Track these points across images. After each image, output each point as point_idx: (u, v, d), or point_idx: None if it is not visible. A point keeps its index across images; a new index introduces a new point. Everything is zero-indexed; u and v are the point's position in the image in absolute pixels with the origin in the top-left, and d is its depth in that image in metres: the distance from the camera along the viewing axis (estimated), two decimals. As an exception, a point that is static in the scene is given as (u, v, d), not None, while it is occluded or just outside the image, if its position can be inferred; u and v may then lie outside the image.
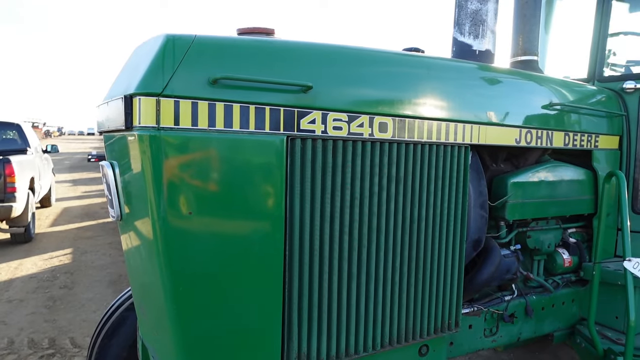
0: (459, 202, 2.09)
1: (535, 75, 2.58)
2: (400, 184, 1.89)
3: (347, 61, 1.79)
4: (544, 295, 2.71)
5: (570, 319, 2.87)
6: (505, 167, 2.57)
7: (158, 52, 1.44)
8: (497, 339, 2.56)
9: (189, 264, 1.52)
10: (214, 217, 1.54)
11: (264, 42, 1.64)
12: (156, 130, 1.42)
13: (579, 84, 2.89)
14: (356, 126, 1.77)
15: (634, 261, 2.29)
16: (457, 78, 2.13)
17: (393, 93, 1.88)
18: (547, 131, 2.47)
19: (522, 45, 2.60)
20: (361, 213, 1.81)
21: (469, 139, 2.10)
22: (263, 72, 1.57)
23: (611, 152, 2.87)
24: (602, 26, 2.99)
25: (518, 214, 2.47)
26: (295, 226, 1.67)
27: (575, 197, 2.72)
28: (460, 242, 2.13)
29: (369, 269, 1.86)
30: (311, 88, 1.63)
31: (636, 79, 2.86)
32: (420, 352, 2.16)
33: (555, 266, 2.78)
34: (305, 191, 1.68)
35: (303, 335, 1.74)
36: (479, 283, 2.32)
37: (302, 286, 1.72)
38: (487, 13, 2.28)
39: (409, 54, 2.03)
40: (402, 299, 1.97)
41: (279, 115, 1.60)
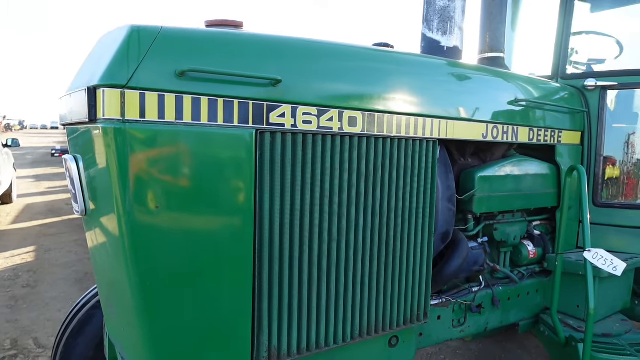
0: (427, 196, 2.13)
1: (501, 72, 2.64)
2: (369, 177, 1.91)
3: (317, 55, 1.79)
4: (509, 286, 2.79)
5: (535, 309, 2.96)
6: (472, 161, 2.62)
7: (123, 43, 1.40)
8: (465, 329, 2.63)
9: (156, 259, 1.49)
10: (181, 212, 1.52)
11: (233, 35, 1.62)
12: (121, 123, 1.39)
13: (544, 81, 2.98)
14: (326, 120, 1.77)
15: (594, 252, 2.38)
16: (425, 74, 2.16)
17: (362, 88, 1.89)
18: (513, 126, 2.54)
19: (489, 42, 2.66)
20: (331, 207, 1.82)
21: (437, 133, 2.14)
22: (231, 65, 1.56)
23: (573, 147, 2.97)
24: (565, 25, 3.08)
25: (485, 208, 2.53)
26: (265, 220, 1.67)
27: (540, 190, 2.81)
28: (429, 235, 2.16)
29: (338, 262, 1.88)
30: (280, 82, 1.62)
31: (597, 77, 2.96)
32: (390, 343, 2.20)
33: (521, 258, 2.87)
34: (275, 185, 1.67)
35: (273, 329, 1.74)
36: (447, 275, 2.37)
37: (272, 280, 1.72)
38: (454, 10, 2.32)
39: (378, 49, 2.04)
40: (371, 291, 2.00)
41: (247, 109, 1.58)
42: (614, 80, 2.92)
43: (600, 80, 2.93)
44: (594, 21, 3.40)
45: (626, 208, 2.97)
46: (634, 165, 3.00)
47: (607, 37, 3.24)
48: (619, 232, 2.98)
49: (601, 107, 2.94)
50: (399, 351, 2.23)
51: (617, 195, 3.02)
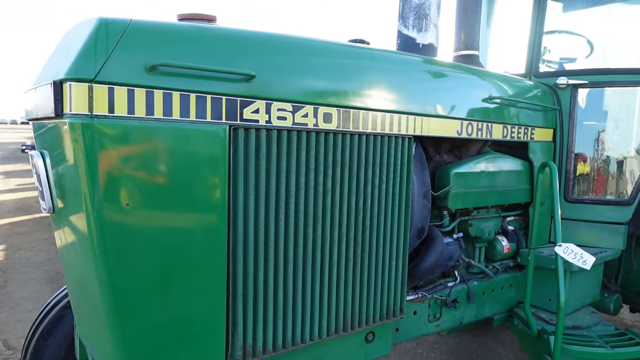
0: (402, 192, 2.14)
1: (476, 69, 2.67)
2: (345, 174, 1.91)
3: (291, 51, 1.78)
4: (484, 280, 2.84)
5: (509, 303, 3.02)
6: (448, 158, 2.65)
7: (90, 36, 1.36)
8: (441, 324, 2.66)
9: (127, 258, 1.46)
10: (153, 210, 1.49)
11: (205, 29, 1.59)
12: (89, 118, 1.35)
13: (517, 79, 3.02)
14: (301, 116, 1.76)
15: (564, 246, 2.44)
16: (401, 70, 2.17)
17: (337, 84, 1.89)
18: (487, 123, 2.57)
19: (464, 40, 2.68)
20: (306, 203, 1.81)
21: (413, 130, 2.15)
22: (204, 59, 1.53)
23: (546, 144, 3.03)
24: (538, 24, 3.14)
25: (460, 203, 2.56)
26: (239, 217, 1.65)
27: (513, 186, 2.86)
28: (405, 231, 2.18)
29: (314, 258, 1.87)
30: (254, 77, 1.60)
31: (568, 76, 3.02)
32: (367, 339, 2.21)
33: (495, 253, 2.91)
34: (249, 182, 1.66)
35: (248, 326, 1.73)
36: (423, 270, 2.39)
37: (247, 278, 1.70)
38: (430, 7, 2.33)
39: (353, 45, 2.04)
40: (347, 288, 2.00)
41: (220, 105, 1.56)
42: (585, 79, 2.98)
43: (571, 78, 3.00)
44: (566, 21, 3.48)
45: (596, 203, 3.05)
46: (603, 162, 3.08)
47: (579, 36, 3.31)
48: (589, 227, 3.06)
49: (572, 105, 3.01)
50: (375, 346, 2.24)
51: (588, 191, 3.09)
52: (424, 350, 4.30)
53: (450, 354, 4.26)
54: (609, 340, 2.64)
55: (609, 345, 2.57)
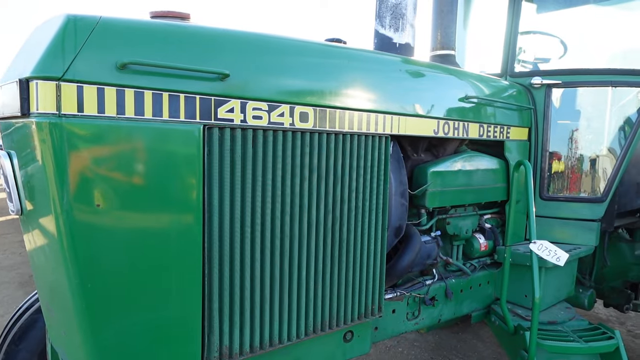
0: (380, 191, 2.14)
1: (452, 69, 2.70)
2: (321, 173, 1.90)
3: (266, 49, 1.76)
4: (462, 278, 2.87)
5: (486, 299, 3.06)
6: (425, 156, 2.67)
7: (58, 33, 1.33)
8: (420, 322, 2.67)
9: (98, 260, 1.43)
10: (125, 210, 1.46)
11: (178, 27, 1.57)
12: (57, 118, 1.32)
13: (493, 78, 3.06)
14: (276, 115, 1.75)
15: (539, 243, 2.48)
16: (377, 70, 2.17)
17: (314, 83, 1.88)
18: (464, 122, 2.60)
19: (440, 39, 2.71)
20: (283, 203, 1.81)
21: (390, 129, 2.16)
22: (176, 58, 1.51)
23: (521, 143, 3.08)
24: (513, 24, 3.19)
25: (437, 202, 2.58)
26: (214, 218, 1.63)
27: (490, 185, 2.89)
28: (382, 230, 2.18)
29: (291, 258, 1.87)
30: (228, 76, 1.59)
31: (542, 75, 3.08)
32: (345, 338, 2.21)
33: (473, 250, 2.95)
34: (224, 182, 1.64)
35: (225, 328, 1.71)
36: (401, 269, 2.40)
37: (223, 278, 1.69)
38: (406, 7, 2.34)
39: (329, 45, 2.04)
40: (325, 287, 2.00)
41: (194, 104, 1.54)
42: (559, 79, 3.04)
43: (545, 78, 3.05)
44: (541, 21, 3.54)
45: (570, 201, 3.11)
46: (577, 160, 3.14)
47: (552, 37, 3.38)
48: (563, 224, 3.12)
49: (547, 104, 3.06)
50: (354, 346, 2.25)
51: (562, 189, 3.15)
52: (404, 348, 4.33)
53: (430, 351, 4.30)
54: (583, 334, 2.69)
55: (583, 339, 2.62)
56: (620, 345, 2.61)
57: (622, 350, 2.60)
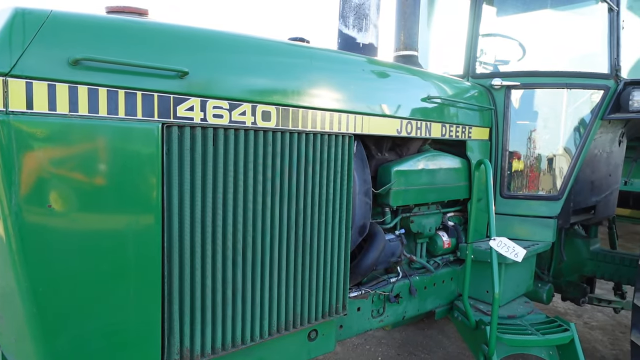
0: (344, 190, 2.16)
1: (416, 70, 2.74)
2: (284, 172, 1.90)
3: (227, 48, 1.75)
4: (426, 275, 2.91)
5: (450, 296, 3.12)
6: (389, 156, 2.70)
7: (5, 27, 1.28)
8: (384, 319, 2.70)
9: (51, 263, 1.38)
10: (79, 211, 1.42)
11: (135, 23, 1.54)
12: (4, 115, 1.27)
13: (455, 79, 3.13)
14: (238, 114, 1.73)
15: (498, 240, 2.55)
16: (341, 70, 2.19)
17: (276, 82, 1.88)
18: (426, 122, 2.64)
19: (404, 40, 2.75)
20: (245, 203, 1.79)
21: (353, 128, 2.17)
22: (133, 54, 1.47)
23: (482, 143, 3.16)
24: (475, 27, 3.27)
25: (401, 201, 2.61)
26: (173, 218, 1.60)
27: (452, 183, 2.95)
28: (346, 229, 2.20)
29: (254, 258, 1.85)
30: (187, 74, 1.56)
31: (502, 77, 3.17)
32: (310, 337, 2.21)
33: (436, 248, 3.00)
34: (184, 182, 1.61)
35: (185, 330, 1.68)
36: (365, 267, 2.42)
37: (183, 280, 1.66)
38: (369, 7, 2.37)
39: (291, 44, 2.04)
40: (289, 287, 1.99)
41: (152, 102, 1.51)
42: (517, 81, 3.14)
43: (505, 80, 3.14)
44: (501, 24, 3.64)
45: (528, 199, 3.21)
46: (535, 159, 3.25)
47: (512, 40, 3.48)
48: (522, 221, 3.22)
49: (506, 105, 3.15)
50: (319, 344, 2.25)
51: (521, 187, 3.25)
52: (371, 346, 4.37)
53: (397, 348, 4.36)
54: (540, 327, 2.79)
55: (540, 332, 2.72)
56: (575, 337, 2.71)
57: (576, 341, 2.70)
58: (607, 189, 3.70)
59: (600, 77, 3.13)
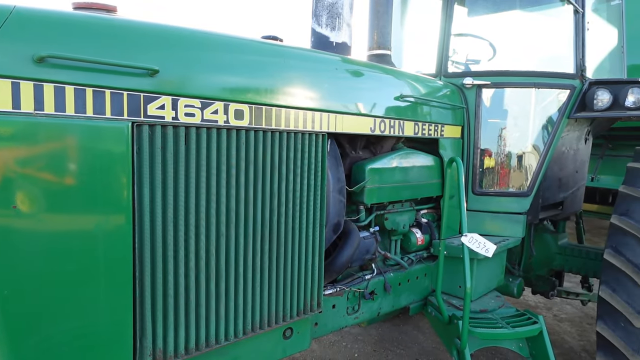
0: (317, 188, 2.17)
1: (389, 69, 2.77)
2: (258, 171, 1.90)
3: (199, 46, 1.73)
4: (400, 272, 2.95)
5: (423, 292, 3.17)
6: (363, 154, 2.72)
7: (-35, 23, 1.24)
8: (360, 316, 2.73)
9: (16, 266, 1.35)
10: (46, 212, 1.39)
11: (103, 20, 1.51)
12: (-35, 114, 1.23)
13: (428, 78, 3.18)
14: (210, 113, 1.72)
15: (469, 236, 2.60)
16: (314, 68, 2.20)
17: (249, 80, 1.87)
18: (399, 121, 2.67)
19: (377, 39, 2.77)
20: (218, 202, 1.78)
21: (327, 127, 2.18)
22: (101, 52, 1.45)
23: (455, 141, 3.21)
24: (447, 27, 3.32)
25: (375, 198, 2.64)
26: (145, 218, 1.58)
27: (426, 181, 3.00)
28: (320, 227, 2.21)
29: (227, 257, 1.85)
30: (158, 72, 1.54)
31: (473, 76, 3.23)
32: (285, 335, 2.22)
33: (410, 245, 3.04)
34: (155, 181, 1.60)
35: (158, 330, 1.67)
36: (340, 264, 2.44)
37: (155, 280, 1.64)
38: (342, 7, 2.38)
39: (264, 42, 2.03)
40: (263, 285, 1.99)
41: (122, 100, 1.49)
42: (488, 80, 3.20)
43: (476, 79, 3.20)
44: (472, 25, 3.71)
45: (499, 195, 3.29)
46: (505, 157, 3.33)
47: (483, 40, 3.55)
48: (493, 217, 3.29)
49: (477, 103, 3.22)
50: (294, 342, 2.26)
51: (492, 184, 3.33)
52: (348, 343, 4.41)
53: (373, 344, 4.40)
54: (510, 321, 2.86)
55: (510, 325, 2.79)
56: (544, 329, 2.80)
57: (545, 333, 2.78)
58: (574, 185, 3.82)
59: (566, 77, 3.23)
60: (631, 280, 2.75)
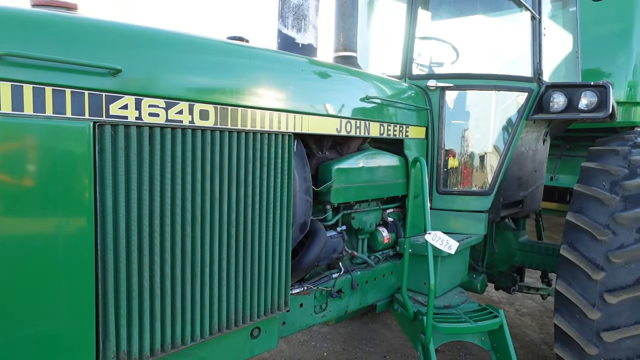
0: (284, 189, 2.19)
1: (355, 70, 2.82)
2: (224, 171, 1.90)
3: (163, 45, 1.72)
4: (367, 270, 3.00)
5: (390, 289, 3.24)
6: (330, 154, 2.76)
7: None
8: (327, 314, 2.77)
9: (-29, 269, 1.32)
10: (3, 214, 1.36)
11: (63, 18, 1.48)
12: None
13: (393, 80, 3.25)
14: (175, 113, 1.72)
15: (433, 234, 2.68)
16: (280, 69, 2.21)
17: (215, 81, 1.87)
18: (365, 122, 2.73)
19: (343, 41, 2.82)
20: (183, 202, 1.78)
21: (293, 127, 2.21)
22: (61, 51, 1.42)
23: (419, 141, 3.29)
24: (411, 30, 3.40)
25: (342, 198, 2.68)
26: (107, 219, 1.56)
27: (391, 181, 3.06)
28: (287, 226, 2.23)
29: (193, 258, 1.84)
30: (120, 71, 1.53)
31: (437, 79, 3.32)
32: (252, 335, 2.22)
33: (377, 243, 3.10)
34: (118, 182, 1.58)
35: (122, 332, 1.65)
36: (307, 263, 2.46)
37: (119, 281, 1.62)
38: (308, 8, 2.41)
39: (230, 43, 2.04)
40: (229, 285, 2.00)
41: (83, 100, 1.47)
42: (451, 82, 3.30)
43: (439, 81, 3.29)
44: (436, 28, 3.81)
45: (462, 194, 3.39)
46: (468, 157, 3.43)
47: (446, 43, 3.65)
48: (457, 215, 3.39)
49: (441, 105, 3.31)
50: (261, 341, 2.27)
51: (456, 184, 3.43)
52: (317, 342, 4.44)
53: (342, 343, 4.45)
54: (473, 315, 2.96)
55: (473, 320, 2.88)
56: (504, 322, 2.90)
57: (505, 327, 2.89)
58: (533, 184, 3.97)
59: (524, 80, 3.36)
60: (585, 274, 2.89)
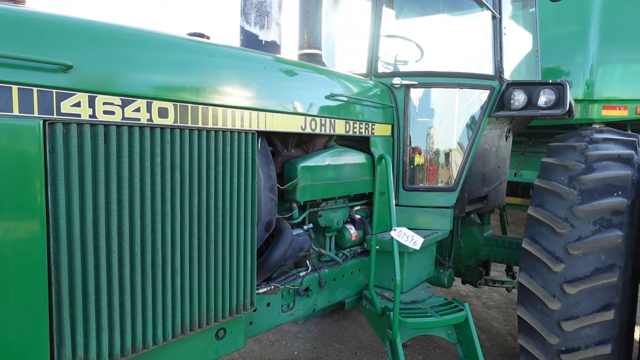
0: (248, 187, 2.16)
1: (320, 68, 2.81)
2: (184, 170, 1.86)
3: (119, 41, 1.67)
4: (335, 267, 3.01)
5: (358, 286, 3.25)
6: (295, 152, 2.75)
7: None
8: (295, 313, 2.75)
9: None
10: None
11: (9, 11, 1.42)
12: None
13: (359, 78, 3.26)
14: (132, 111, 1.67)
15: (398, 230, 2.71)
16: (243, 66, 2.19)
17: (174, 78, 1.84)
18: (331, 119, 2.73)
19: (307, 39, 2.81)
20: (142, 202, 1.73)
21: (256, 125, 2.18)
22: (6, 45, 1.36)
23: (385, 138, 3.32)
24: (376, 28, 3.43)
25: (308, 196, 2.67)
26: (60, 220, 1.51)
27: (358, 178, 3.07)
28: (252, 225, 2.21)
29: (154, 258, 1.80)
30: (71, 67, 1.48)
31: (402, 76, 3.35)
32: (217, 336, 2.19)
33: (344, 241, 3.11)
34: (72, 183, 1.52)
35: (78, 338, 1.59)
36: (273, 262, 2.45)
37: (74, 285, 1.57)
38: (271, 5, 2.39)
39: (190, 39, 2.00)
40: (192, 286, 1.96)
41: (31, 97, 1.41)
42: (415, 80, 3.34)
43: (404, 79, 3.33)
44: (400, 27, 3.86)
45: (428, 191, 3.44)
46: (433, 154, 3.49)
47: (410, 41, 3.70)
48: (423, 211, 3.44)
49: (406, 103, 3.35)
50: (227, 342, 2.24)
51: (422, 180, 3.48)
52: (287, 341, 4.43)
53: (313, 341, 4.45)
54: (439, 309, 3.00)
55: (439, 314, 2.93)
56: (469, 315, 2.96)
57: (470, 320, 2.95)
58: (496, 180, 4.07)
59: (486, 78, 3.43)
60: (546, 266, 2.98)
